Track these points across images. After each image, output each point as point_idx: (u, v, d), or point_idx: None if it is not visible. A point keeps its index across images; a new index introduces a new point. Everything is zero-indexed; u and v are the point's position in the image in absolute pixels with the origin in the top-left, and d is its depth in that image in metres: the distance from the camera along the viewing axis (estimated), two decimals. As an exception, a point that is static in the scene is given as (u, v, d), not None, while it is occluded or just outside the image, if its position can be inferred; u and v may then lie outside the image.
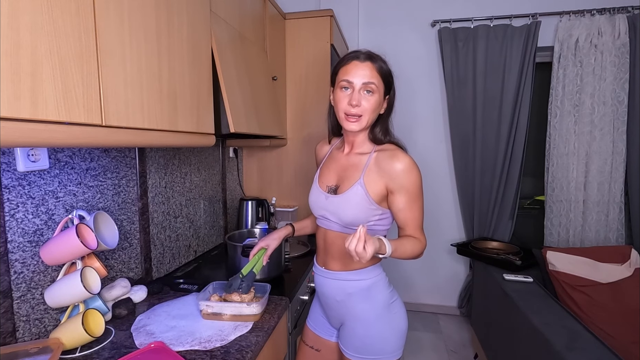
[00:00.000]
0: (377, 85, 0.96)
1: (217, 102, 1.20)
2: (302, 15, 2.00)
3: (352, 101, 0.95)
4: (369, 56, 0.98)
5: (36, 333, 0.94)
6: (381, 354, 1.02)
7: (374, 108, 0.98)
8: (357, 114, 0.97)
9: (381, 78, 0.97)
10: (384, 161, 0.98)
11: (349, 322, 1.06)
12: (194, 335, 0.97)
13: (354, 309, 1.04)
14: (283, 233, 1.22)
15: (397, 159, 0.97)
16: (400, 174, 0.96)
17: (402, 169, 0.95)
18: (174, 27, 0.96)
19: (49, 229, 0.97)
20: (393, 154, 0.98)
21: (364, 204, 0.98)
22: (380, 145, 1.03)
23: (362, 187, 0.98)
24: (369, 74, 0.95)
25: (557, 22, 2.36)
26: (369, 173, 0.99)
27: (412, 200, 0.97)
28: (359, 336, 1.03)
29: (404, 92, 2.68)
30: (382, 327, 1.02)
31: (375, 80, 0.96)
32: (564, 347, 1.24)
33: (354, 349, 1.04)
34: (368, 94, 0.96)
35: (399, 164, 0.96)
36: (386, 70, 0.99)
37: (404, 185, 0.96)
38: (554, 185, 2.45)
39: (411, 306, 2.89)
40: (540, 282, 1.97)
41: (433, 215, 2.78)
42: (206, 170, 1.79)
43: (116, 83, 0.75)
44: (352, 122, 0.98)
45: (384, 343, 1.02)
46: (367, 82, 0.95)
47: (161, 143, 0.93)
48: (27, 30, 0.56)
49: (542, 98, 2.53)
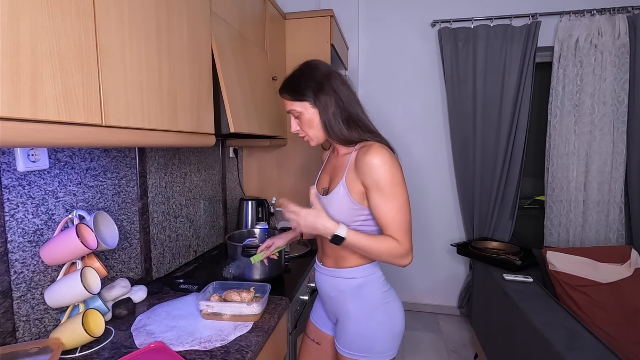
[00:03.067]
0: (296, 108, 1.02)
1: (217, 102, 1.20)
2: (302, 15, 2.00)
3: (290, 129, 1.07)
4: (280, 88, 1.05)
5: (36, 333, 0.94)
6: (370, 352, 1.02)
7: (308, 125, 1.02)
8: (302, 136, 1.07)
9: (296, 100, 1.01)
10: (360, 158, 0.96)
11: (342, 318, 1.07)
12: (194, 335, 0.97)
13: (345, 305, 1.05)
14: (291, 236, 1.28)
15: (369, 152, 0.93)
16: (371, 168, 0.92)
17: (372, 163, 0.92)
18: (174, 27, 0.96)
19: (49, 229, 0.97)
20: (367, 149, 0.95)
21: (346, 204, 0.98)
22: (360, 143, 1.01)
23: (344, 187, 0.98)
24: (286, 104, 1.04)
25: (557, 22, 2.36)
26: (349, 172, 0.99)
27: (386, 197, 0.92)
28: (350, 333, 1.04)
29: (404, 92, 2.68)
30: (372, 326, 1.02)
31: (292, 106, 1.02)
32: (564, 347, 1.24)
33: (344, 344, 1.05)
34: (297, 118, 1.04)
35: (369, 158, 0.93)
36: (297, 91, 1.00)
37: (375, 179, 0.92)
38: (554, 185, 2.45)
39: (411, 306, 2.89)
40: (540, 282, 1.97)
41: (433, 215, 2.78)
42: (206, 170, 1.79)
43: (116, 83, 0.75)
44: (308, 142, 1.07)
45: (374, 342, 1.03)
46: (289, 111, 1.05)
47: (161, 143, 0.93)
48: (27, 30, 0.56)
49: (542, 98, 2.53)
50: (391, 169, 0.93)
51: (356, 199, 0.97)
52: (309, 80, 1.00)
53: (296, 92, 1.00)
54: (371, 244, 0.94)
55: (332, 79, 1.00)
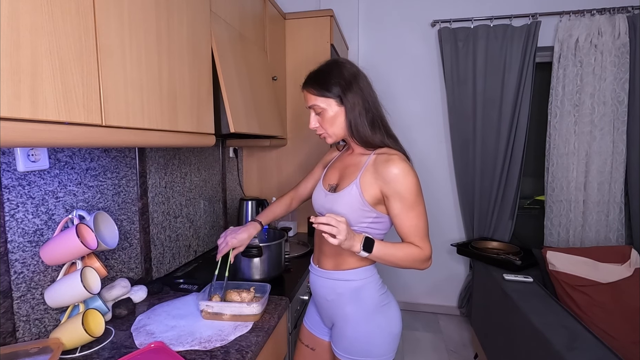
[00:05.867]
0: (320, 104, 1.00)
1: (217, 102, 1.20)
2: (302, 15, 2.00)
3: (309, 125, 1.05)
4: (305, 82, 1.03)
5: (36, 333, 0.94)
6: (369, 355, 1.02)
7: (330, 122, 1.01)
8: (319, 133, 1.05)
9: (321, 95, 0.99)
10: (380, 164, 0.97)
11: (339, 323, 1.06)
12: (194, 335, 0.97)
13: (343, 309, 1.04)
14: (253, 232, 1.22)
15: (392, 163, 0.95)
16: (394, 179, 0.94)
17: (396, 174, 0.94)
18: (174, 27, 0.96)
19: (49, 229, 0.97)
20: (389, 158, 0.96)
21: (357, 205, 0.97)
22: (380, 149, 1.02)
23: (357, 187, 0.98)
24: (310, 99, 1.02)
25: (557, 22, 2.36)
26: (365, 174, 0.98)
27: (409, 206, 0.95)
28: (347, 337, 1.03)
29: (404, 92, 2.68)
30: (370, 330, 1.02)
31: (316, 101, 1.00)
32: (564, 347, 1.24)
33: (343, 348, 1.04)
34: (319, 114, 1.02)
35: (393, 169, 0.94)
36: (325, 85, 0.99)
37: (398, 190, 0.94)
38: (554, 185, 2.45)
39: (411, 306, 2.89)
40: (540, 282, 1.97)
41: (433, 216, 2.76)
42: (206, 170, 1.79)
43: (116, 83, 0.75)
44: (325, 139, 1.06)
45: (372, 345, 1.02)
46: (311, 106, 1.03)
47: (161, 143, 0.93)
48: (27, 30, 0.56)
49: (542, 98, 2.53)
50: (413, 179, 0.95)
51: (369, 201, 0.97)
52: (337, 77, 0.99)
53: (323, 88, 0.99)
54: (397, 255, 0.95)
55: (359, 78, 1.01)
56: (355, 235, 0.92)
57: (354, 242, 0.91)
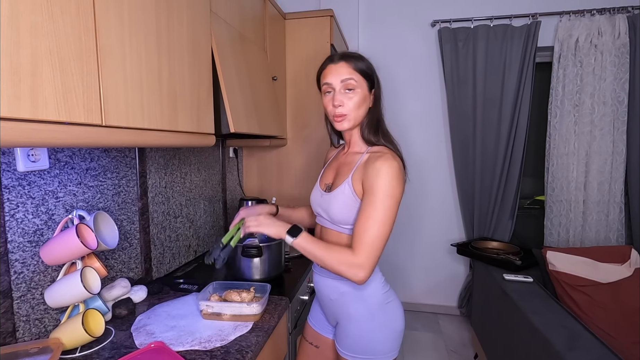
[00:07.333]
0: (356, 80, 0.97)
1: (217, 102, 1.20)
2: (302, 15, 2.00)
3: (334, 102, 0.98)
4: (342, 56, 1.00)
5: (36, 333, 0.94)
6: (374, 354, 1.02)
7: (358, 104, 0.98)
8: (342, 113, 0.98)
9: (359, 74, 0.98)
10: (370, 161, 0.95)
11: (343, 321, 1.06)
12: (194, 335, 0.97)
13: (347, 308, 1.04)
14: (266, 210, 1.20)
15: (381, 158, 0.93)
16: (372, 171, 0.91)
17: (378, 168, 0.91)
18: (174, 27, 0.96)
19: (49, 229, 0.97)
20: (381, 155, 0.94)
21: (350, 203, 0.97)
22: (374, 147, 1.01)
23: (349, 185, 0.98)
24: (346, 72, 0.97)
25: (557, 22, 2.36)
26: (357, 172, 0.98)
27: (371, 203, 0.90)
28: (351, 335, 1.03)
29: (404, 92, 2.68)
30: (374, 328, 1.02)
31: (353, 75, 0.97)
32: (564, 347, 1.24)
33: (347, 347, 1.04)
34: (349, 92, 0.98)
35: (378, 163, 0.92)
36: (363, 65, 0.99)
37: (371, 183, 0.91)
38: (554, 185, 2.45)
39: (411, 306, 2.89)
40: (540, 282, 1.97)
41: (433, 215, 2.78)
42: (206, 170, 1.79)
43: (116, 83, 0.75)
44: (341, 122, 0.99)
45: (377, 343, 1.02)
46: (345, 79, 0.97)
47: (161, 143, 0.93)
48: (27, 30, 0.56)
49: (542, 98, 2.53)
50: (392, 181, 0.90)
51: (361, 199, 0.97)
52: (372, 68, 1.02)
53: (364, 66, 0.99)
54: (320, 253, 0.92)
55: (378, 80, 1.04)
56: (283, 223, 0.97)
57: (281, 228, 0.96)
